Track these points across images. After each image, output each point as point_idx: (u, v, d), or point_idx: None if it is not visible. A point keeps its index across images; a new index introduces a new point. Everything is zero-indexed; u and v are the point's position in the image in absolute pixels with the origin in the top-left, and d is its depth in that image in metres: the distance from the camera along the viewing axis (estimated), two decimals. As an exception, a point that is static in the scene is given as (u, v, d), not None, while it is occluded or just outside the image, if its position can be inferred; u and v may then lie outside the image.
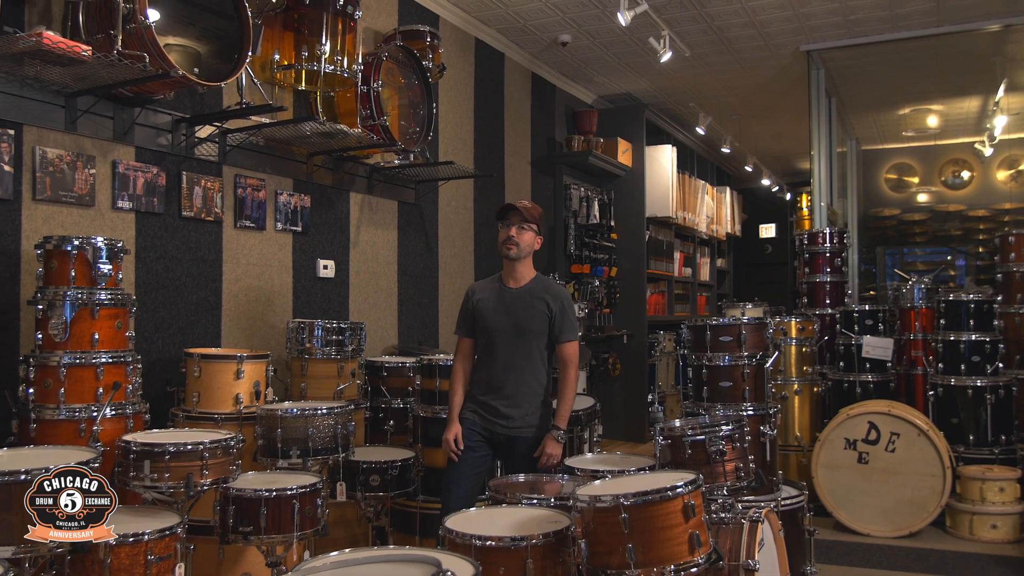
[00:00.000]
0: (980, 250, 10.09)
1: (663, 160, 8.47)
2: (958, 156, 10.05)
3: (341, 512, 3.96)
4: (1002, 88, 7.76)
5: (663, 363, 8.40)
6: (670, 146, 8.58)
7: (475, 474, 3.53)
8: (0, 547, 2.27)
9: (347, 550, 1.96)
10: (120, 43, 3.16)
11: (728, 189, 11.00)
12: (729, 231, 11.02)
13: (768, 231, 12.94)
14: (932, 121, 9.37)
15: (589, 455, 3.71)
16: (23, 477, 2.28)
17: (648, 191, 8.24)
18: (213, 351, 3.88)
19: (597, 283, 7.69)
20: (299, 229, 4.68)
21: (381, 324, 5.34)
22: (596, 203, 7.83)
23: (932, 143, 9.99)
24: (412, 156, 5.11)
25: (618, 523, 2.29)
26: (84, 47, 3.00)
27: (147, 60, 3.17)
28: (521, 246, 3.53)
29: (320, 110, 4.60)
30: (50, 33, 2.90)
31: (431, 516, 3.97)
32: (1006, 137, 9.15)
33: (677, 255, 9.30)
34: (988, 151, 9.29)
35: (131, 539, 2.61)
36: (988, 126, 8.83)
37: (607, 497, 2.33)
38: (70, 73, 3.24)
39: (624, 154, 7.95)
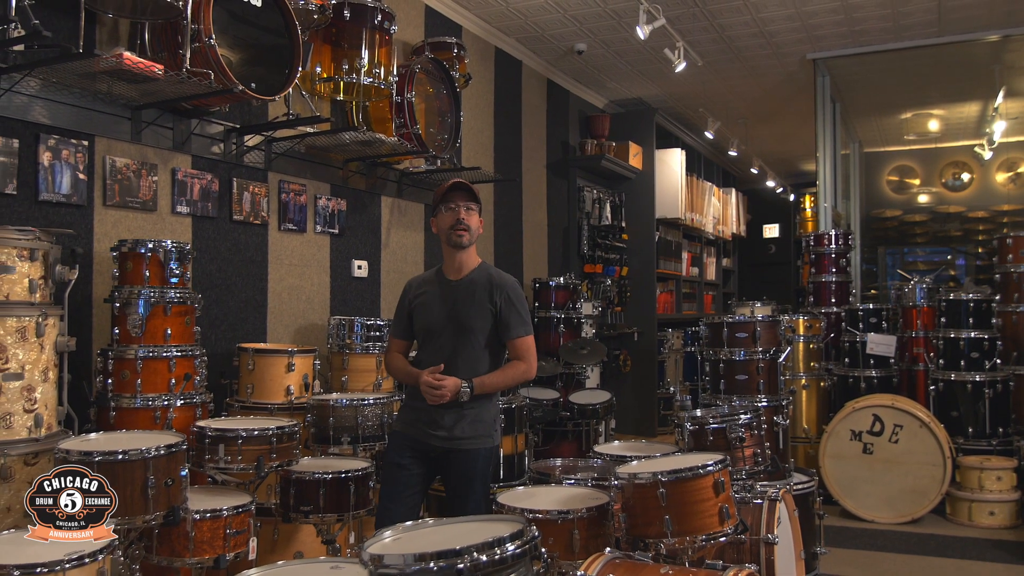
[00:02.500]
0: (979, 250, 10.33)
1: (672, 163, 8.73)
2: (958, 159, 10.31)
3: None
4: (1001, 94, 8.02)
5: (671, 360, 8.68)
6: (679, 149, 8.84)
7: (410, 495, 3.11)
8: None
9: (429, 519, 2.21)
10: (188, 61, 3.43)
11: (734, 190, 11.27)
12: (734, 231, 11.29)
13: (772, 231, 13.20)
14: (933, 125, 9.62)
15: (616, 443, 3.97)
16: (120, 457, 2.58)
17: (658, 193, 8.51)
18: (266, 346, 4.15)
19: (609, 282, 7.96)
20: (336, 231, 4.95)
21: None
22: (608, 205, 8.09)
23: (933, 146, 10.24)
24: (439, 162, 5.37)
25: (656, 497, 2.56)
26: (158, 66, 3.27)
27: (212, 77, 3.44)
28: (472, 231, 3.09)
29: (359, 119, 4.85)
30: (129, 54, 3.17)
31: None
32: (1005, 141, 9.40)
33: (685, 255, 9.57)
34: (987, 154, 9.53)
35: (208, 515, 2.90)
36: (987, 130, 9.08)
37: (646, 475, 2.60)
38: (138, 89, 3.50)
39: (635, 157, 8.21)
